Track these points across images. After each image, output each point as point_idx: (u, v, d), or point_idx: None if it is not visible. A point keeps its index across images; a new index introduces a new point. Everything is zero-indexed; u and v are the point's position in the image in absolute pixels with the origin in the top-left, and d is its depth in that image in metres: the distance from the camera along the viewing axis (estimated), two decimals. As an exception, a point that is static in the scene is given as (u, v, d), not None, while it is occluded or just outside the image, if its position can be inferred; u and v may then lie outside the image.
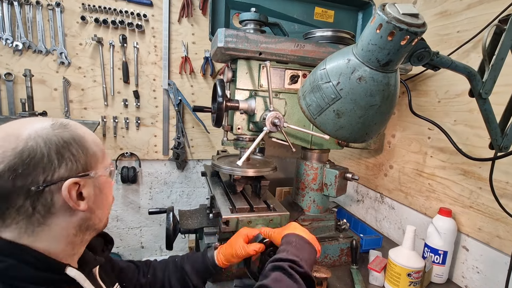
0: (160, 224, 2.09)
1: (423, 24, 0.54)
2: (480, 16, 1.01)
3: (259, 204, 1.04)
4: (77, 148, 0.55)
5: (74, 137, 0.55)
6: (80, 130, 0.58)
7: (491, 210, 0.98)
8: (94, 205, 0.58)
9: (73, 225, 0.56)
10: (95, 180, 0.58)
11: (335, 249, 1.14)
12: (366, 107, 0.64)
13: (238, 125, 1.05)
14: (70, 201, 0.53)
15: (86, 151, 0.56)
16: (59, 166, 0.52)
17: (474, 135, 1.03)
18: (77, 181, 0.53)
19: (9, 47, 1.60)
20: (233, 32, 0.92)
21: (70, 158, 0.53)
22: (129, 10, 1.72)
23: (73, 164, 0.53)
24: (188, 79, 1.93)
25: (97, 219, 0.60)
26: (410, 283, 0.95)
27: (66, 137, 0.54)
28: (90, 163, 0.57)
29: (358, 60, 0.60)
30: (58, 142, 0.52)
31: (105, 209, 0.63)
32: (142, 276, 0.88)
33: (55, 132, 0.53)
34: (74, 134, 0.56)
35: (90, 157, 0.57)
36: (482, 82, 0.70)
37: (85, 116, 1.78)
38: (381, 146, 1.49)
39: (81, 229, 0.58)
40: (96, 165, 0.58)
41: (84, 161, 0.55)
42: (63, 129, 0.55)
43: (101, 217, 0.62)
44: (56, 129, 0.54)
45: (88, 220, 0.58)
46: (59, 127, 0.55)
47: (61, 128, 0.55)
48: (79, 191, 0.55)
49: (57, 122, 0.56)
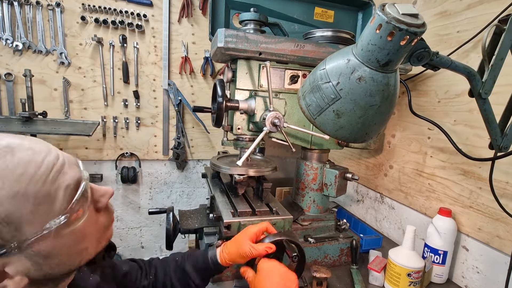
0: (160, 224, 2.09)
1: (422, 24, 0.54)
2: (479, 16, 1.01)
3: (261, 207, 1.02)
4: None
5: None
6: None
7: (491, 210, 0.98)
8: (41, 272, 0.42)
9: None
10: (26, 251, 0.39)
11: (335, 249, 1.14)
12: (366, 107, 0.64)
13: (238, 125, 1.05)
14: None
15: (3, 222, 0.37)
16: None
17: (474, 135, 1.03)
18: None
19: (9, 47, 1.60)
20: (233, 32, 0.92)
21: None
22: (129, 10, 1.72)
23: None
24: (188, 79, 1.93)
25: (65, 270, 0.45)
26: (410, 283, 0.95)
27: None
28: (12, 230, 0.38)
29: (357, 60, 0.60)
30: None
31: (73, 259, 0.46)
32: (145, 278, 0.85)
33: None
34: None
35: (11, 223, 0.37)
36: (482, 82, 0.70)
37: (85, 116, 1.79)
38: (381, 146, 1.49)
39: (44, 285, 0.44)
40: (18, 232, 0.38)
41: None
42: None
43: (70, 267, 0.46)
44: None
45: (46, 277, 0.43)
46: None
47: None
48: (1, 271, 0.39)
49: None
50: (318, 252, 1.12)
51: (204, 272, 0.86)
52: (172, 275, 0.86)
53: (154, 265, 0.90)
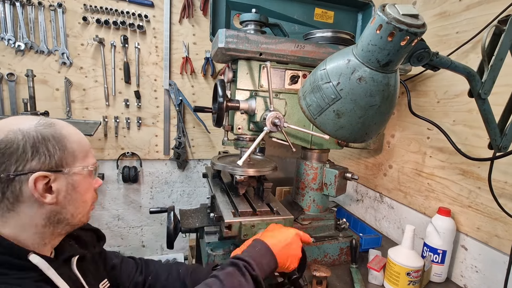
0: (161, 223, 2.10)
1: (423, 25, 0.54)
2: (479, 17, 1.02)
3: (262, 207, 1.02)
4: (54, 145, 0.58)
5: (54, 135, 0.59)
6: (65, 130, 0.62)
7: (489, 210, 0.98)
8: (64, 200, 0.60)
9: (41, 216, 0.58)
10: (69, 177, 0.60)
11: (335, 248, 1.15)
12: (366, 107, 0.64)
13: (238, 125, 1.05)
14: (35, 192, 0.55)
15: (64, 149, 0.59)
16: (32, 159, 0.55)
17: (473, 135, 1.04)
18: (46, 175, 0.56)
19: (12, 48, 1.61)
20: (233, 33, 0.93)
21: (44, 153, 0.56)
22: (130, 10, 1.73)
23: (46, 159, 0.56)
24: (189, 79, 1.93)
25: (68, 214, 0.62)
26: (409, 282, 0.95)
27: (45, 134, 0.57)
28: (66, 160, 0.60)
29: (358, 60, 0.61)
30: (36, 137, 0.56)
31: (80, 206, 0.64)
32: (140, 274, 0.87)
33: (36, 129, 0.57)
34: (55, 132, 0.59)
35: (67, 154, 0.60)
36: (481, 83, 0.71)
37: (86, 116, 1.79)
38: (380, 146, 1.50)
39: (51, 222, 0.60)
40: (72, 163, 0.61)
41: (59, 157, 0.58)
42: (45, 127, 0.59)
43: (74, 213, 0.63)
44: (38, 126, 0.58)
45: (58, 214, 0.60)
46: (42, 125, 0.59)
47: (44, 126, 0.59)
48: (49, 185, 0.57)
49: (44, 121, 0.60)
50: (318, 251, 1.12)
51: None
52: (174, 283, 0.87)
53: (156, 267, 0.90)
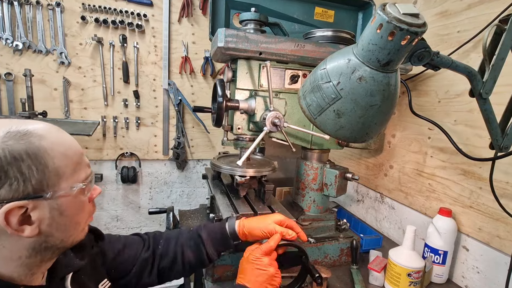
0: (160, 224, 2.09)
1: (423, 24, 0.54)
2: (480, 16, 1.01)
3: (263, 210, 1.01)
4: (30, 165, 0.46)
5: (28, 151, 0.47)
6: (45, 140, 0.49)
7: (491, 210, 0.98)
8: (50, 228, 0.51)
9: (23, 247, 0.50)
10: (52, 201, 0.50)
11: (335, 249, 1.14)
12: (366, 107, 0.64)
13: (238, 125, 1.05)
14: (8, 228, 0.46)
15: (44, 167, 0.48)
16: (1, 186, 0.45)
17: (474, 135, 1.03)
18: (21, 205, 0.46)
19: (9, 47, 1.60)
20: (233, 32, 0.92)
21: (16, 177, 0.45)
22: (129, 10, 1.72)
23: (19, 185, 0.46)
24: (188, 79, 1.93)
25: (57, 240, 0.53)
26: (410, 283, 0.95)
27: (17, 151, 0.46)
28: (48, 181, 0.48)
29: (358, 60, 0.60)
30: (4, 158, 0.45)
31: (70, 229, 0.55)
32: (146, 250, 0.83)
33: (4, 145, 0.45)
34: (29, 146, 0.47)
35: (49, 174, 0.48)
36: (483, 82, 0.70)
37: (85, 116, 1.78)
38: (381, 146, 1.49)
39: (37, 251, 0.51)
40: (57, 183, 0.50)
41: (38, 180, 0.47)
42: (17, 140, 0.46)
43: (64, 238, 0.54)
44: (8, 140, 0.46)
45: (44, 242, 0.51)
46: (13, 137, 0.46)
47: (15, 139, 0.46)
48: (27, 214, 0.48)
49: (15, 130, 0.47)
50: (318, 252, 1.12)
51: (218, 241, 0.85)
52: (185, 244, 0.85)
53: (166, 235, 0.88)
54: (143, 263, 0.82)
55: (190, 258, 0.84)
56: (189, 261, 0.84)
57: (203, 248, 0.84)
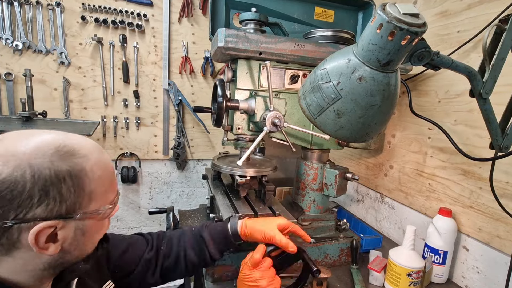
0: (160, 224, 2.09)
1: (423, 24, 0.54)
2: (480, 16, 1.01)
3: (264, 211, 1.00)
4: (69, 187, 0.47)
5: (72, 172, 0.47)
6: (87, 163, 0.50)
7: (491, 210, 0.98)
8: (70, 246, 0.51)
9: (41, 262, 0.50)
10: (79, 222, 0.50)
11: (335, 249, 1.14)
12: (366, 107, 0.64)
13: (238, 125, 1.05)
14: (34, 246, 0.46)
15: (80, 190, 0.49)
16: (38, 205, 0.44)
17: (474, 135, 1.03)
18: (52, 225, 0.46)
19: (9, 47, 1.60)
20: (233, 32, 0.92)
21: (54, 198, 0.46)
22: (129, 10, 1.72)
23: (55, 205, 0.46)
24: (188, 79, 1.93)
25: (73, 258, 0.54)
26: (410, 283, 0.95)
27: (62, 172, 0.46)
28: (81, 202, 0.49)
29: (358, 60, 0.60)
30: (49, 178, 0.45)
31: (87, 248, 0.56)
32: (149, 251, 0.83)
33: (51, 164, 0.46)
34: (74, 167, 0.48)
35: (83, 196, 0.49)
36: (483, 82, 0.70)
37: (85, 116, 1.78)
38: (381, 146, 1.49)
39: (51, 266, 0.52)
40: (87, 205, 0.50)
41: (73, 201, 0.48)
42: (64, 161, 0.47)
43: (80, 255, 0.55)
44: (55, 159, 0.46)
45: (61, 259, 0.52)
46: (61, 157, 0.47)
47: (62, 159, 0.47)
48: (55, 233, 0.48)
49: (64, 148, 0.48)
50: (318, 252, 1.12)
51: (221, 240, 0.84)
52: (187, 244, 0.85)
53: (169, 235, 0.88)
54: (147, 263, 0.82)
55: (193, 258, 0.84)
56: (192, 261, 0.84)
57: (205, 249, 0.84)
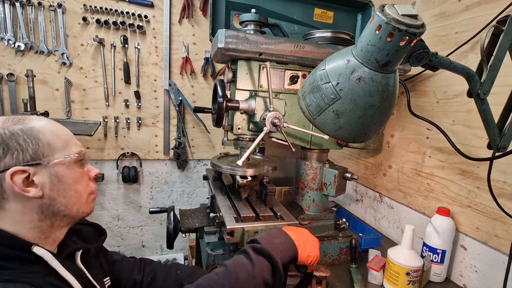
0: (161, 223, 2.10)
1: (422, 25, 0.54)
2: (478, 17, 1.02)
3: (265, 212, 1.00)
4: (25, 139, 0.58)
5: (23, 129, 0.58)
6: (36, 123, 0.61)
7: (489, 210, 0.98)
8: (52, 192, 0.60)
9: (32, 210, 0.59)
10: (50, 168, 0.60)
11: (334, 248, 1.15)
12: (365, 107, 0.64)
13: (238, 125, 1.05)
14: (15, 187, 0.56)
15: (37, 141, 0.59)
16: (4, 156, 0.55)
17: (472, 135, 1.04)
18: (23, 169, 0.56)
19: (11, 48, 1.61)
20: (233, 33, 0.93)
21: (16, 148, 0.56)
22: (130, 11, 1.73)
23: (19, 154, 0.57)
24: (189, 80, 1.93)
25: (61, 205, 0.62)
26: (409, 282, 0.96)
27: (14, 130, 0.57)
28: (43, 152, 0.59)
29: (357, 60, 0.61)
30: (4, 134, 0.56)
31: (72, 196, 0.64)
32: (138, 273, 0.87)
33: (4, 125, 0.58)
34: (24, 127, 0.59)
35: (42, 146, 0.59)
36: (480, 83, 0.71)
37: (86, 116, 1.79)
38: (380, 146, 1.50)
39: (45, 215, 0.60)
40: (51, 154, 0.60)
41: (34, 150, 0.58)
42: (14, 123, 0.59)
43: (67, 204, 0.63)
44: (6, 123, 0.58)
45: (51, 206, 0.61)
46: (10, 121, 0.59)
47: (12, 122, 0.59)
48: (31, 179, 0.58)
49: (12, 118, 0.60)
50: (318, 251, 1.12)
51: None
52: (169, 286, 0.87)
53: (153, 268, 0.90)
54: (133, 284, 0.86)
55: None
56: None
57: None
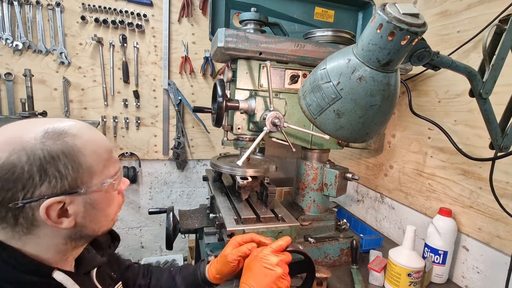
0: (160, 224, 2.09)
1: (423, 24, 0.54)
2: (480, 16, 1.01)
3: (266, 214, 0.99)
4: (66, 164, 0.50)
5: (64, 151, 0.51)
6: (79, 140, 0.53)
7: (491, 210, 0.98)
8: (84, 220, 0.55)
9: (61, 236, 0.55)
10: (86, 196, 0.54)
11: (335, 249, 1.14)
12: (366, 107, 0.64)
13: (238, 125, 1.05)
14: (48, 221, 0.50)
15: (78, 166, 0.52)
16: (41, 184, 0.49)
17: (474, 135, 1.03)
18: (60, 200, 0.50)
19: (9, 47, 1.60)
20: (233, 32, 0.92)
21: (54, 175, 0.50)
22: (129, 10, 1.72)
23: (57, 182, 0.50)
24: (188, 79, 1.93)
25: (90, 231, 0.58)
26: (410, 283, 0.95)
27: (54, 151, 0.50)
28: (82, 178, 0.53)
29: (358, 60, 0.60)
30: (43, 157, 0.48)
31: (102, 221, 0.60)
32: (142, 278, 0.88)
33: (43, 145, 0.49)
34: (66, 146, 0.51)
35: (82, 172, 0.53)
36: (483, 82, 0.70)
37: (85, 116, 1.78)
38: (381, 146, 1.49)
39: (72, 239, 0.56)
40: (89, 180, 0.54)
41: (73, 177, 0.52)
42: (54, 141, 0.50)
43: (96, 228, 0.59)
44: (46, 140, 0.50)
45: (79, 232, 0.56)
46: (51, 137, 0.50)
47: (52, 139, 0.50)
48: (65, 208, 0.52)
49: (52, 131, 0.51)
50: (318, 252, 1.12)
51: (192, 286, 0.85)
52: (163, 284, 0.87)
53: (151, 270, 0.92)
54: None
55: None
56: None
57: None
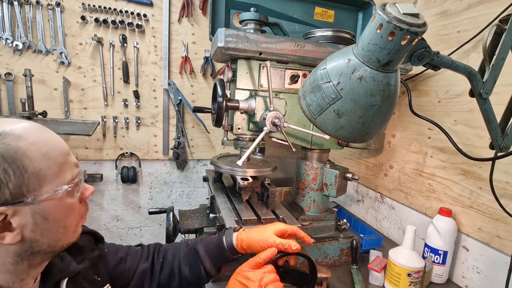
0: (160, 224, 2.09)
1: (423, 24, 0.54)
2: (480, 16, 1.01)
3: (267, 215, 0.98)
4: (6, 168, 0.43)
5: (5, 154, 0.43)
6: (23, 142, 0.45)
7: (491, 210, 0.97)
8: (34, 234, 0.47)
9: (7, 255, 0.47)
10: (34, 206, 0.46)
11: (335, 249, 1.14)
12: (366, 107, 0.64)
13: (238, 125, 1.05)
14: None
15: (22, 171, 0.44)
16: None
17: (474, 135, 1.03)
18: (0, 211, 0.43)
19: (9, 47, 1.60)
20: (233, 32, 0.92)
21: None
22: (129, 10, 1.72)
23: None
24: (188, 79, 1.92)
25: (44, 245, 0.50)
26: (410, 283, 0.95)
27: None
28: (28, 185, 0.45)
29: (358, 60, 0.60)
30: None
31: (58, 234, 0.51)
32: (144, 261, 0.81)
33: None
34: (6, 149, 0.44)
35: (28, 177, 0.45)
36: (483, 82, 0.70)
37: (85, 116, 1.78)
38: (381, 146, 1.49)
39: (22, 258, 0.49)
40: (38, 187, 0.46)
41: (16, 184, 0.44)
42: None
43: (51, 242, 0.51)
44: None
45: (30, 248, 0.48)
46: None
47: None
48: (7, 221, 0.45)
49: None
50: (318, 252, 1.12)
51: (217, 255, 0.80)
52: (182, 259, 0.81)
53: (165, 248, 0.86)
54: (142, 274, 0.80)
55: (187, 274, 0.80)
56: (186, 277, 0.80)
57: (200, 265, 0.80)
